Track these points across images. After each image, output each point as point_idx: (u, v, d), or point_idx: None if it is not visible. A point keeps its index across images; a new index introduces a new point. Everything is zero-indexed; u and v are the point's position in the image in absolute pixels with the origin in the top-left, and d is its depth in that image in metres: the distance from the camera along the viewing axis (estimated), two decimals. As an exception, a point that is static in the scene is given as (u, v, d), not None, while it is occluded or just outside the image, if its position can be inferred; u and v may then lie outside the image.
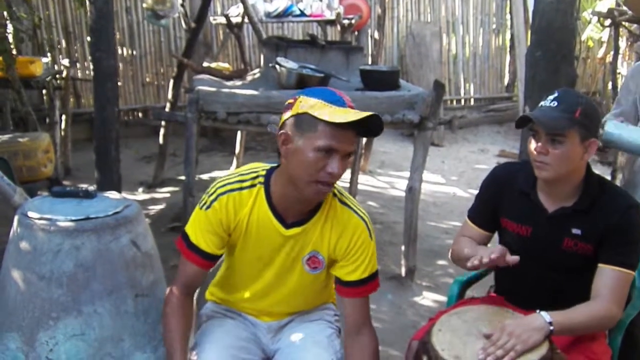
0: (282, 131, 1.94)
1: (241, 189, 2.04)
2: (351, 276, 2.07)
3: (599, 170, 6.76)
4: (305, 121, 1.87)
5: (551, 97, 2.13)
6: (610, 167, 5.07)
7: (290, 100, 1.95)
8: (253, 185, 2.05)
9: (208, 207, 2.04)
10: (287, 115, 1.93)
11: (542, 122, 2.09)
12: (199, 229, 2.06)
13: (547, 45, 3.35)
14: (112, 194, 2.56)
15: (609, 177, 4.72)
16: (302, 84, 3.92)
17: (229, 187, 2.04)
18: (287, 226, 2.04)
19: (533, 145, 2.14)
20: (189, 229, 2.08)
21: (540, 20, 3.39)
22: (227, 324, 2.23)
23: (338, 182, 2.00)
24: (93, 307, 2.16)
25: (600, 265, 2.16)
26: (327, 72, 4.07)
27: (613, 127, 2.39)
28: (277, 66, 4.01)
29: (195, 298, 2.33)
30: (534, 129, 2.11)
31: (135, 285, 2.26)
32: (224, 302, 2.30)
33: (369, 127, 1.90)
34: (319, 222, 2.05)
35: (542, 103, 2.13)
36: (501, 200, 2.35)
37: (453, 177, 7.07)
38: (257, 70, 4.85)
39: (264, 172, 2.06)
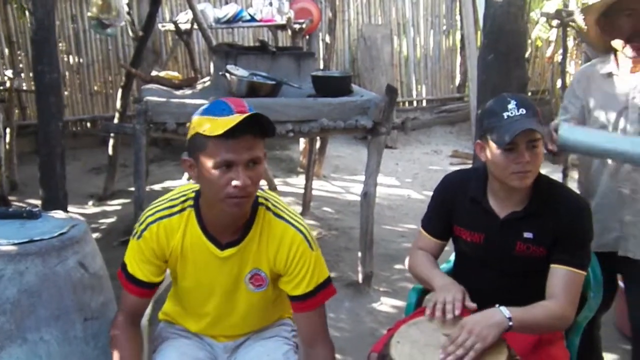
0: (184, 158, 1.90)
1: (171, 215, 1.99)
2: (296, 290, 2.02)
3: (549, 168, 6.86)
4: (198, 142, 1.82)
5: (512, 105, 2.11)
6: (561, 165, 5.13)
7: (188, 124, 1.90)
8: (183, 210, 2.00)
9: (139, 237, 1.99)
10: (187, 140, 1.89)
11: (540, 131, 2.10)
12: (134, 259, 2.01)
13: (499, 49, 3.35)
14: (58, 214, 2.48)
15: (560, 175, 4.78)
16: (254, 91, 3.87)
17: (158, 214, 1.99)
18: (222, 247, 1.99)
19: (509, 157, 2.12)
20: (127, 259, 2.04)
21: (491, 24, 3.40)
22: (183, 345, 2.18)
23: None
24: (39, 334, 2.08)
25: (552, 266, 2.19)
26: (279, 79, 4.02)
27: (568, 131, 2.38)
28: (227, 74, 3.94)
29: (147, 319, 2.27)
30: (513, 142, 2.09)
31: (83, 308, 2.19)
32: (177, 323, 2.25)
33: (264, 126, 1.83)
34: (254, 238, 1.99)
35: (509, 113, 2.11)
36: (453, 209, 2.35)
37: (407, 179, 7.09)
38: (207, 79, 4.78)
39: (193, 195, 2.01)
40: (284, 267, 2.01)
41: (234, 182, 1.80)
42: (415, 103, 9.23)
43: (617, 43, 2.53)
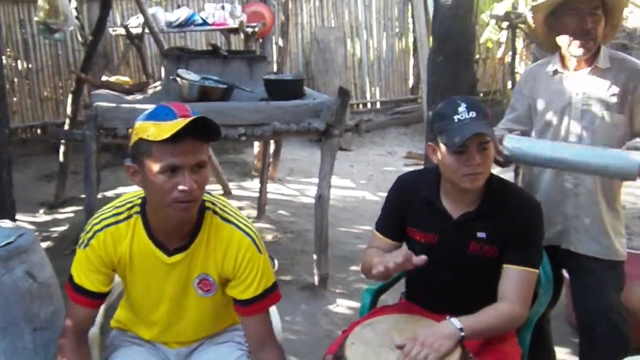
0: (128, 164, 1.88)
1: (117, 222, 1.97)
2: (245, 294, 2.01)
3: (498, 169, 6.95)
4: (142, 147, 1.81)
5: (462, 108, 2.14)
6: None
7: (130, 130, 1.89)
8: (129, 217, 1.98)
9: (86, 246, 1.97)
10: (130, 146, 1.87)
11: (489, 134, 2.13)
12: (81, 269, 1.99)
13: (448, 50, 3.39)
14: (5, 223, 2.43)
15: (512, 174, 4.85)
16: (205, 96, 3.85)
17: (104, 222, 1.97)
18: (170, 253, 1.97)
19: (460, 160, 2.14)
20: (73, 270, 2.01)
21: (440, 26, 3.44)
22: (136, 352, 2.15)
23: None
24: (-14, 346, 2.03)
25: (505, 266, 2.22)
26: (230, 82, 4.00)
27: (514, 142, 2.44)
28: (178, 79, 3.91)
29: (99, 328, 2.23)
30: (464, 144, 2.11)
31: (32, 319, 2.15)
32: (130, 330, 2.22)
33: (209, 129, 1.83)
34: (202, 243, 1.98)
35: (459, 116, 2.13)
36: (407, 210, 2.37)
37: (362, 180, 7.12)
38: (158, 83, 4.73)
39: (139, 201, 1.99)
40: (232, 271, 2.00)
41: (181, 187, 1.79)
42: (369, 105, 9.29)
43: (562, 41, 2.59)
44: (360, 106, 9.20)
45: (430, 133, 2.26)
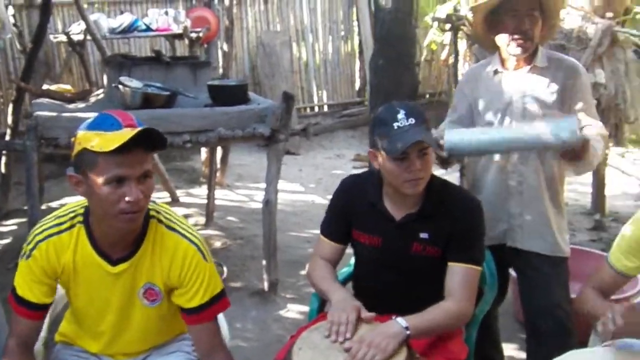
0: (70, 174, 1.86)
1: (60, 232, 1.95)
2: (191, 302, 2.00)
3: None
4: (86, 158, 1.79)
5: (401, 115, 2.16)
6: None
7: (73, 139, 1.86)
8: (72, 226, 1.95)
9: (28, 257, 1.95)
10: (73, 156, 1.85)
11: (429, 140, 2.16)
12: (24, 280, 1.96)
13: (389, 54, 3.42)
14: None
15: (457, 174, 4.91)
16: (148, 103, 3.80)
17: (46, 232, 1.95)
18: (114, 263, 1.95)
19: (401, 166, 2.16)
20: (16, 281, 1.98)
21: (381, 29, 3.47)
22: (82, 367, 2.12)
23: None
24: None
25: (449, 264, 2.26)
26: (174, 89, 3.97)
27: (454, 134, 2.46)
28: (120, 86, 3.86)
29: (42, 343, 2.19)
30: (405, 151, 2.13)
31: (-28, 336, 2.09)
32: (75, 343, 2.18)
33: (156, 140, 1.82)
34: (147, 252, 1.97)
35: (398, 124, 2.15)
36: (351, 213, 2.39)
37: (311, 184, 7.13)
38: (101, 91, 4.66)
39: (82, 211, 1.97)
40: (178, 279, 1.98)
41: (127, 198, 1.77)
42: (316, 108, 9.30)
43: (501, 40, 2.64)
44: (308, 110, 9.21)
45: (371, 139, 2.28)
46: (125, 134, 1.74)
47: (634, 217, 2.24)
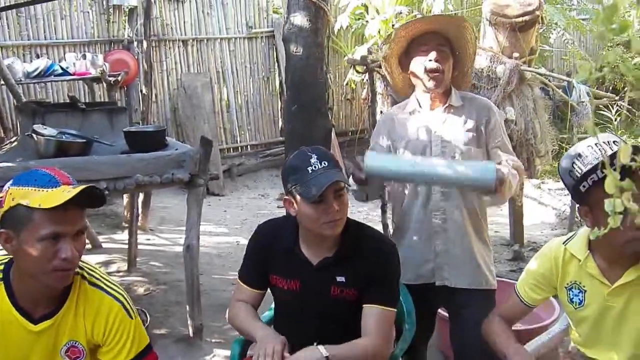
0: (1, 230, 1.82)
1: None
2: None
3: (371, 204, 7.12)
4: (20, 214, 1.77)
5: (313, 159, 2.20)
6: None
7: (1, 195, 1.83)
8: None
9: None
10: (0, 212, 1.82)
11: (344, 180, 2.21)
12: None
13: (302, 100, 3.46)
14: None
15: (379, 212, 4.98)
16: (62, 151, 3.73)
17: None
18: (35, 321, 1.91)
19: (318, 209, 2.20)
20: None
21: (293, 76, 3.52)
22: None
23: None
24: None
25: (365, 306, 2.30)
26: (89, 137, 3.91)
27: (374, 157, 2.52)
28: (33, 134, 3.78)
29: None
30: (322, 194, 2.16)
31: None
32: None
33: (93, 197, 1.83)
34: (70, 310, 1.93)
35: (312, 167, 2.19)
36: (268, 258, 2.41)
37: (236, 225, 7.08)
38: (15, 139, 4.56)
39: (1, 267, 1.92)
40: (103, 337, 1.96)
41: (63, 255, 1.77)
42: (240, 149, 9.29)
43: (416, 76, 2.73)
44: (232, 150, 9.19)
45: (284, 187, 2.31)
46: (64, 192, 1.74)
47: (539, 252, 2.33)
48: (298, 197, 2.23)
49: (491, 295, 2.82)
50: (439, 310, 3.11)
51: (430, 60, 2.65)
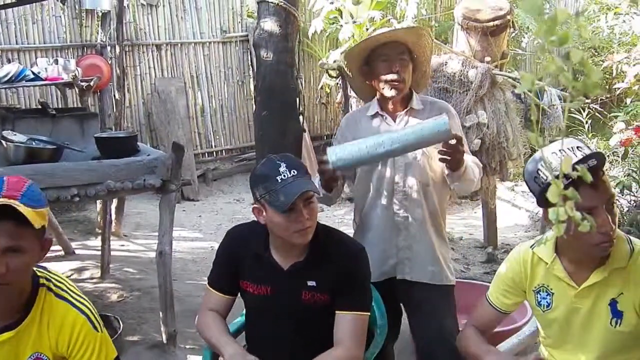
0: None
1: None
2: None
3: (347, 207, 7.11)
4: None
5: (282, 168, 2.21)
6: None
7: None
8: None
9: None
10: None
11: (314, 189, 2.22)
12: None
13: (272, 105, 3.47)
14: None
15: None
16: (33, 158, 3.70)
17: None
18: None
19: (289, 218, 2.20)
20: None
21: (263, 82, 3.52)
22: None
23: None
24: None
25: (337, 312, 2.30)
26: (60, 143, 3.88)
27: (337, 151, 2.53)
28: (2, 141, 3.75)
29: None
30: (292, 203, 2.16)
31: None
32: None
33: (17, 213, 1.77)
34: (34, 321, 1.92)
35: (281, 176, 2.19)
36: (238, 264, 2.40)
37: (210, 231, 7.06)
38: (-16, 145, 4.50)
39: None
40: (67, 350, 1.94)
41: None
42: (215, 154, 9.25)
43: (377, 84, 2.80)
44: (206, 155, 9.15)
45: (254, 195, 2.31)
46: None
47: (508, 256, 2.36)
48: (267, 206, 2.23)
49: (450, 291, 2.90)
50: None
51: (391, 72, 2.73)
